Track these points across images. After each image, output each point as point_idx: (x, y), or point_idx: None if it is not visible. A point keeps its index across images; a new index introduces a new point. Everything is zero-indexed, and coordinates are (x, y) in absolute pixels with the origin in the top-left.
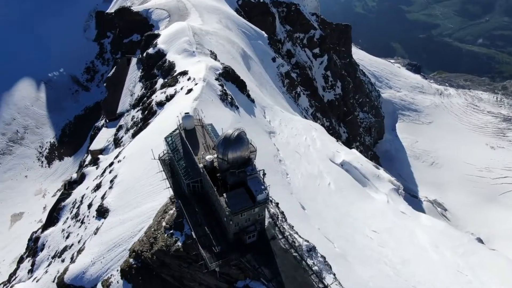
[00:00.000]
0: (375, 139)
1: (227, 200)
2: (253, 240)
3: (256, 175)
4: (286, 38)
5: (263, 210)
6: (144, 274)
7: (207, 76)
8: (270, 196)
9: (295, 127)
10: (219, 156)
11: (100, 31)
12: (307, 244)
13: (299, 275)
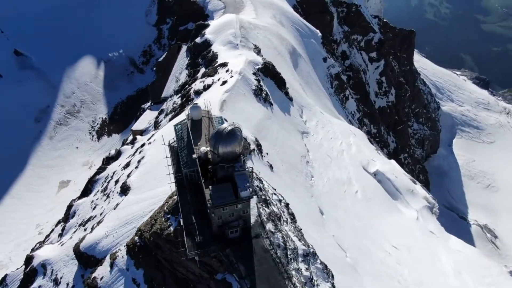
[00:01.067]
0: (427, 153)
1: (211, 192)
2: (235, 236)
3: (244, 172)
4: (343, 39)
5: (247, 207)
6: (144, 253)
7: (243, 70)
8: (280, 196)
9: (332, 130)
10: (210, 149)
11: (160, 17)
12: (305, 248)
13: (273, 276)
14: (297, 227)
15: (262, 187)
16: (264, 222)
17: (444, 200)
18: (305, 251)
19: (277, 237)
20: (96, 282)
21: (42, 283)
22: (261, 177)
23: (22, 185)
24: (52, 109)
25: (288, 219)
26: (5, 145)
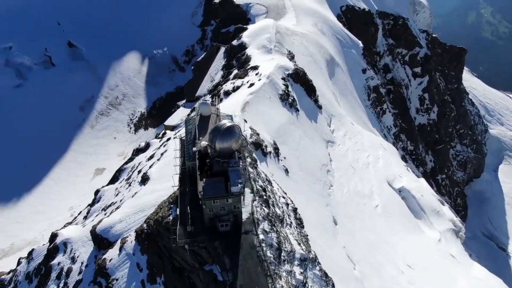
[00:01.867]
0: (469, 177)
1: (204, 185)
2: (226, 230)
3: (238, 168)
4: (386, 52)
5: (238, 202)
6: (149, 240)
7: (272, 74)
8: (290, 200)
9: (361, 142)
10: (208, 143)
11: (205, 18)
12: (302, 253)
13: (256, 272)
14: (302, 232)
15: (269, 188)
16: (256, 220)
17: (483, 227)
18: (303, 256)
19: (271, 237)
20: (105, 263)
21: (61, 260)
22: (272, 179)
23: (61, 168)
24: (96, 100)
25: (293, 223)
26: (51, 129)
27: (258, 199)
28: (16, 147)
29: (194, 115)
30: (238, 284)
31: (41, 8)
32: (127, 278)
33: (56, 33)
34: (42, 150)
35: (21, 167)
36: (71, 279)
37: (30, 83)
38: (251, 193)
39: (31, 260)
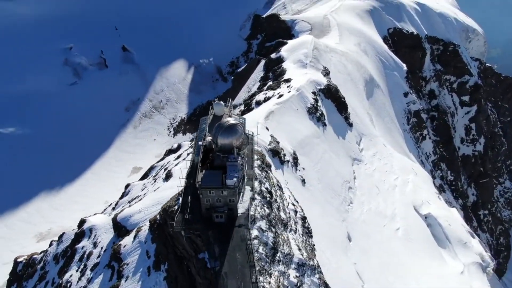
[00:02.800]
0: None
1: (203, 176)
2: (221, 221)
3: (236, 164)
4: (433, 78)
5: (233, 196)
6: (160, 230)
7: (302, 88)
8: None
9: (391, 164)
10: (212, 139)
11: (252, 32)
12: (301, 258)
13: (241, 263)
14: (309, 241)
15: (278, 193)
16: (253, 217)
17: None
18: (301, 261)
19: (267, 236)
20: (119, 248)
21: (85, 244)
22: (286, 187)
23: (102, 164)
24: (141, 102)
25: (299, 230)
26: (97, 126)
27: (260, 199)
28: (64, 139)
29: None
30: (223, 271)
31: (101, 13)
32: (136, 264)
33: (112, 38)
34: (86, 145)
35: (66, 159)
36: (90, 261)
37: (84, 82)
38: (250, 191)
39: (60, 242)
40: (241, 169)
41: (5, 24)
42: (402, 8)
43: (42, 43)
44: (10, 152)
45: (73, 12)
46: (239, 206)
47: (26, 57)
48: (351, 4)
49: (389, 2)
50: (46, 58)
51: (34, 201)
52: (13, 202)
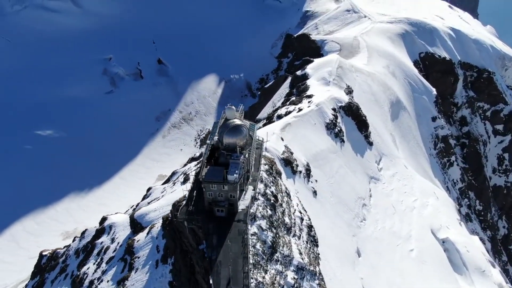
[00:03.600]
0: None
1: (207, 171)
2: (221, 215)
3: (238, 161)
4: (465, 104)
5: (234, 191)
6: (171, 226)
7: (322, 103)
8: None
9: (410, 185)
10: (218, 137)
11: (283, 51)
12: (300, 261)
13: (236, 254)
14: (314, 250)
15: (285, 199)
16: (253, 215)
17: None
18: (301, 264)
19: (266, 235)
20: (133, 243)
21: (104, 240)
22: (296, 196)
23: (130, 170)
24: (171, 113)
25: (304, 237)
26: (128, 133)
27: (264, 200)
28: (96, 144)
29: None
30: (218, 260)
31: (140, 28)
32: (146, 257)
33: (149, 51)
34: (116, 150)
35: (96, 163)
36: (106, 255)
37: (120, 91)
38: (253, 190)
39: (82, 238)
40: (243, 167)
41: (52, 34)
42: (435, 33)
43: (84, 53)
44: (46, 153)
45: (115, 25)
46: (240, 203)
47: (69, 65)
48: (382, 27)
49: (422, 26)
50: (86, 67)
51: (63, 201)
52: (44, 200)
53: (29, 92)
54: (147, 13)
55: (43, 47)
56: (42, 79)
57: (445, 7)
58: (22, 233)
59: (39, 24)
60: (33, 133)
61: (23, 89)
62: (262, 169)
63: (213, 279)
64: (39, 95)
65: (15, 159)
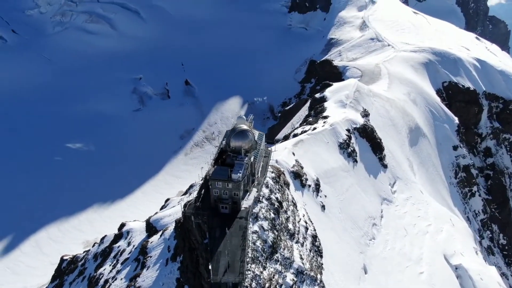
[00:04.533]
0: None
1: (214, 170)
2: (225, 212)
3: (242, 163)
4: (490, 135)
5: (237, 189)
6: (181, 226)
7: (336, 124)
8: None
9: (425, 210)
10: (226, 141)
11: (307, 76)
12: (301, 265)
13: (235, 246)
14: (317, 258)
15: (290, 208)
16: (253, 214)
17: None
18: (301, 268)
19: (267, 235)
20: (147, 244)
21: (121, 244)
22: (303, 207)
23: (151, 184)
24: (195, 132)
25: (307, 245)
26: (152, 150)
27: (268, 204)
28: (122, 159)
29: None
30: (218, 250)
31: (171, 50)
32: (158, 256)
33: (178, 72)
34: (140, 166)
35: (120, 176)
36: (122, 257)
37: (148, 109)
38: (256, 192)
39: (101, 243)
40: (247, 167)
41: (88, 54)
42: (459, 63)
43: (117, 72)
44: (74, 165)
45: (147, 47)
46: (243, 203)
47: (102, 83)
48: (405, 56)
49: (446, 56)
50: (118, 85)
51: (87, 211)
52: (69, 210)
53: (63, 106)
54: (178, 37)
55: (79, 66)
56: (76, 95)
57: (472, 38)
58: (46, 239)
59: (77, 44)
60: (63, 146)
61: (57, 104)
62: (269, 176)
63: (212, 266)
64: (71, 110)
65: (45, 170)
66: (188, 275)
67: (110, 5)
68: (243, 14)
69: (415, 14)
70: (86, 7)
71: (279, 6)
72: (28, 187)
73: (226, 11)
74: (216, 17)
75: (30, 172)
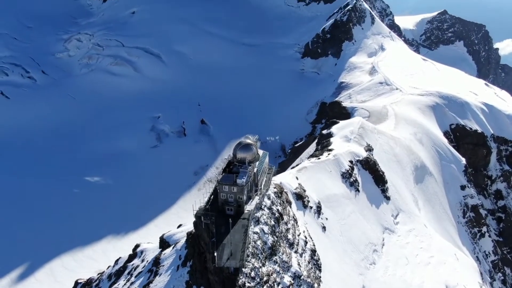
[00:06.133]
0: None
1: (222, 176)
2: (230, 213)
3: (246, 171)
4: (500, 178)
5: (241, 193)
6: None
7: (339, 155)
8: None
9: (428, 242)
10: (233, 152)
11: (318, 117)
12: (298, 270)
13: (237, 240)
14: (315, 271)
15: (291, 222)
16: (255, 217)
17: None
18: (298, 273)
19: (267, 237)
20: (160, 255)
21: (135, 262)
22: (304, 225)
23: (164, 218)
24: (208, 168)
25: (306, 257)
26: (167, 185)
27: (268, 212)
28: (137, 192)
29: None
30: (223, 243)
31: (189, 91)
32: (169, 264)
33: (194, 111)
34: (154, 199)
35: (135, 209)
36: (135, 271)
37: (164, 146)
38: (258, 200)
39: (115, 265)
40: (250, 175)
41: (111, 93)
42: (466, 106)
43: (137, 111)
44: (91, 197)
45: (166, 88)
46: (246, 207)
47: (122, 121)
48: (413, 99)
49: (453, 100)
50: (137, 123)
51: (101, 242)
52: (84, 240)
53: (84, 142)
54: (196, 79)
55: (102, 104)
56: (97, 132)
57: (481, 84)
58: (60, 268)
59: (102, 85)
60: (82, 179)
61: (79, 140)
62: (272, 191)
63: (217, 254)
64: (92, 145)
65: (63, 201)
66: (196, 275)
67: (135, 50)
68: (259, 59)
69: (424, 61)
70: (112, 51)
71: (293, 52)
72: (46, 216)
73: (242, 56)
74: (233, 61)
75: (49, 202)
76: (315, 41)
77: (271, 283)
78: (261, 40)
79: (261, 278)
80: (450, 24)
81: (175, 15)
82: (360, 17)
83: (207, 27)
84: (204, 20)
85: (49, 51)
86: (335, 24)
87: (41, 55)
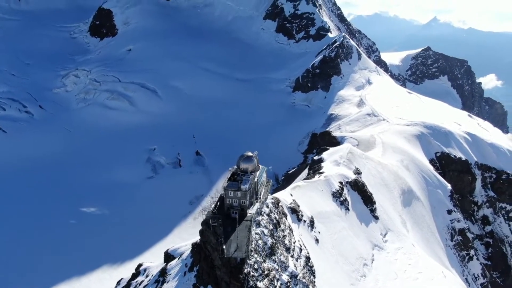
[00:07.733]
0: None
1: (228, 183)
2: (235, 216)
3: (248, 178)
4: (486, 204)
5: (244, 198)
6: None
7: (329, 176)
8: (306, 250)
9: (416, 260)
10: (236, 163)
11: (309, 147)
12: (294, 271)
13: (241, 237)
14: (310, 276)
15: (287, 231)
16: (256, 221)
17: None
18: (294, 273)
19: (267, 239)
20: (166, 267)
21: (139, 279)
22: (298, 234)
23: (160, 247)
24: (203, 198)
25: (302, 262)
26: (162, 214)
27: (267, 218)
28: (133, 222)
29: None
30: (229, 239)
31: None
32: (176, 272)
33: (189, 143)
34: (150, 229)
35: (131, 239)
36: (141, 286)
37: (160, 176)
38: (259, 205)
39: (117, 285)
40: (252, 182)
41: (107, 127)
42: (450, 135)
43: (133, 143)
44: (87, 228)
45: (161, 121)
46: (248, 211)
47: (118, 153)
48: (399, 129)
49: (437, 129)
50: (133, 155)
51: (97, 271)
52: (80, 270)
53: (80, 174)
54: (191, 112)
55: (98, 137)
56: (93, 164)
57: (464, 116)
58: None
59: (98, 118)
60: (78, 210)
61: (75, 172)
62: (269, 201)
63: (226, 247)
64: (88, 177)
65: (59, 232)
66: (203, 276)
67: (131, 85)
68: (252, 93)
69: (409, 94)
70: (108, 86)
71: (284, 87)
72: (42, 247)
73: (236, 90)
74: (226, 95)
75: (45, 233)
76: (305, 76)
77: (271, 277)
78: (253, 75)
79: (263, 271)
80: (434, 60)
81: (170, 52)
82: (347, 53)
83: (201, 63)
84: (198, 57)
85: (46, 86)
86: (323, 59)
87: (39, 91)
